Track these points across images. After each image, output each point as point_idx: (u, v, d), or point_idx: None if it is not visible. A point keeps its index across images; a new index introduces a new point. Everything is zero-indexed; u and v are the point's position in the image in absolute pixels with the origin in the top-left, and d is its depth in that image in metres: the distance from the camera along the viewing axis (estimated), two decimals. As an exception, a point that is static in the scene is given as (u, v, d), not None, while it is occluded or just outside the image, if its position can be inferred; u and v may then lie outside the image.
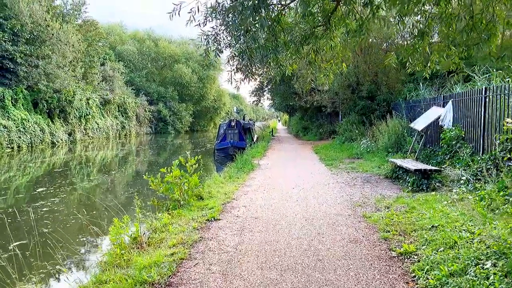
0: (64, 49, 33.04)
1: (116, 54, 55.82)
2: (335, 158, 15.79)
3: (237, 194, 9.03)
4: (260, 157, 17.34)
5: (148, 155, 28.30)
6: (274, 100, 38.26)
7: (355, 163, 14.04)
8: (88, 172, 17.97)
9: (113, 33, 59.94)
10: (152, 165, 21.37)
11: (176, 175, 8.08)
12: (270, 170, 13.29)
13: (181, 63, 61.11)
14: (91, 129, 38.48)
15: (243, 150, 20.02)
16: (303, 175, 11.83)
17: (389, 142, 14.46)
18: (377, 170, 12.37)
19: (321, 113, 28.94)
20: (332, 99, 21.42)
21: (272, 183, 10.45)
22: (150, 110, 53.93)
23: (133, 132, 48.49)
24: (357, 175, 11.82)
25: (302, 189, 9.56)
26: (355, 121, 19.20)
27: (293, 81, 22.33)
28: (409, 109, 15.48)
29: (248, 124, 24.93)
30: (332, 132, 26.49)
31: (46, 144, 30.01)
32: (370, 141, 15.78)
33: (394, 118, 15.20)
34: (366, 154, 15.49)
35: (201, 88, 62.78)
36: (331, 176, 11.73)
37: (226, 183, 10.43)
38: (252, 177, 11.71)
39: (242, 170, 12.78)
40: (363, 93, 18.92)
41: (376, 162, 13.86)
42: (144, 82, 56.31)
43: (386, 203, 7.66)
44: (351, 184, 10.33)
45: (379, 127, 16.12)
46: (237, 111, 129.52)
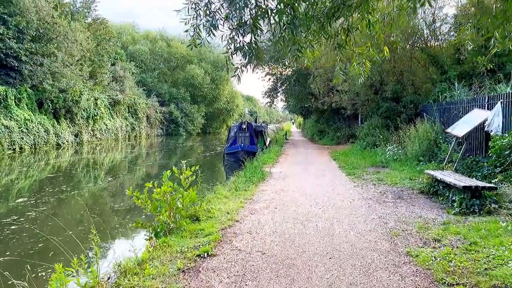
0: (72, 47, 31.96)
1: (128, 54, 54.88)
2: (356, 166, 14.01)
3: (242, 213, 7.37)
4: (272, 163, 15.66)
5: (157, 158, 26.91)
6: (288, 101, 36.56)
7: (381, 173, 12.25)
8: (84, 179, 16.56)
9: (125, 33, 59.13)
10: (161, 169, 19.89)
11: (166, 190, 6.48)
12: (283, 180, 11.60)
13: (194, 63, 59.89)
14: (99, 130, 37.37)
15: (254, 155, 18.39)
16: (321, 188, 10.12)
17: (420, 149, 12.64)
18: (408, 183, 10.57)
19: (338, 115, 27.14)
20: (352, 100, 19.60)
21: (285, 199, 8.76)
22: (162, 112, 52.78)
23: (143, 134, 47.33)
24: (386, 188, 10.05)
25: (322, 207, 7.85)
26: (378, 124, 17.37)
27: (309, 80, 20.61)
28: (441, 112, 13.62)
29: (260, 127, 23.28)
30: (351, 136, 24.65)
31: (51, 145, 28.88)
32: (397, 147, 13.95)
33: (425, 121, 13.36)
34: (392, 163, 13.67)
35: (214, 90, 61.45)
36: (354, 189, 9.98)
37: (230, 198, 8.78)
38: (262, 189, 10.04)
39: (251, 180, 11.12)
40: (388, 93, 17.09)
41: (405, 172, 12.05)
42: (156, 83, 55.23)
43: (434, 232, 5.90)
44: (380, 201, 8.58)
45: (407, 132, 14.30)
46: (249, 113, 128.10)
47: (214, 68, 62.64)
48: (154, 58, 58.87)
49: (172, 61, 61.52)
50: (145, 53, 56.27)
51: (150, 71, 56.40)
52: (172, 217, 6.21)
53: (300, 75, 27.34)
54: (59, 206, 11.38)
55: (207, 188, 13.03)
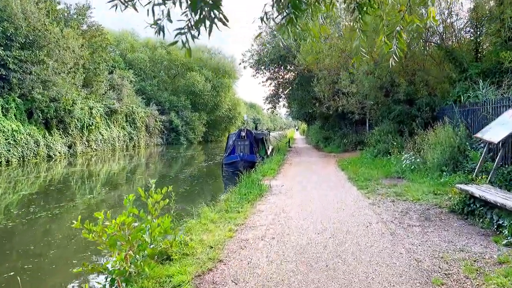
0: (64, 55, 30.59)
1: (127, 62, 53.68)
2: (369, 178, 12.32)
3: (230, 247, 5.71)
4: (273, 175, 14.00)
5: (156, 169, 25.33)
6: (291, 107, 34.98)
7: (399, 186, 10.55)
8: (63, 197, 14.96)
9: (124, 41, 57.98)
10: (159, 181, 18.29)
11: (126, 221, 4.86)
12: (284, 196, 9.93)
13: (194, 71, 58.57)
14: (95, 140, 35.89)
15: (253, 165, 16.77)
16: (330, 207, 8.44)
17: (442, 157, 10.94)
18: (433, 199, 8.89)
19: (345, 120, 25.48)
20: (361, 104, 17.94)
21: (285, 224, 7.09)
22: (161, 120, 51.29)
23: (142, 144, 45.84)
24: (408, 206, 8.36)
25: (331, 236, 6.18)
26: (390, 130, 15.68)
27: (313, 83, 19.00)
28: (465, 114, 11.93)
29: (261, 134, 21.67)
30: (359, 143, 22.96)
31: (41, 158, 27.37)
32: (414, 156, 12.25)
33: (447, 125, 11.67)
34: (409, 173, 11.97)
35: (215, 97, 60.00)
36: (370, 207, 8.30)
37: (218, 223, 7.13)
38: (258, 209, 8.37)
39: (247, 197, 9.46)
40: (400, 95, 15.42)
41: (427, 185, 10.35)
42: (156, 91, 53.90)
43: (494, 281, 4.21)
44: (403, 224, 6.90)
45: (425, 138, 12.63)
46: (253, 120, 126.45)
47: (215, 75, 61.30)
48: (154, 66, 57.65)
49: (172, 68, 60.26)
50: (144, 61, 55.00)
51: (150, 79, 55.10)
52: (127, 262, 4.55)
53: (303, 79, 25.80)
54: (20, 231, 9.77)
55: (201, 203, 11.40)
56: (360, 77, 15.89)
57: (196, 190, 15.90)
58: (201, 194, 14.89)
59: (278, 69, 28.74)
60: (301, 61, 20.86)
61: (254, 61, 29.41)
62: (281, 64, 27.97)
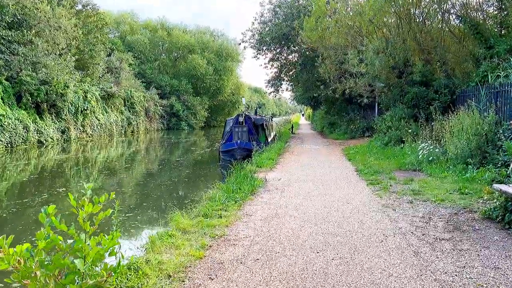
0: (55, 35, 28.99)
1: (126, 44, 51.96)
2: (379, 170, 10.73)
3: (194, 277, 4.17)
4: (270, 166, 12.44)
5: (156, 156, 23.94)
6: (294, 91, 33.17)
7: (416, 182, 8.95)
8: (40, 190, 13.53)
9: (123, 23, 56.15)
10: (157, 173, 16.85)
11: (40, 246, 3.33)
12: (280, 194, 8.38)
13: (196, 53, 56.66)
14: (90, 125, 34.49)
15: (249, 154, 15.25)
16: (333, 210, 6.88)
17: (467, 148, 9.29)
18: (460, 199, 7.31)
19: (352, 105, 23.77)
20: (371, 86, 16.19)
21: (277, 234, 5.55)
22: (162, 105, 49.75)
23: (141, 129, 44.41)
24: (430, 209, 6.80)
25: (335, 257, 4.63)
26: (403, 115, 13.97)
27: (317, 63, 17.24)
28: (494, 98, 10.22)
29: (260, 120, 20.03)
30: (367, 129, 21.30)
31: (31, 144, 26.01)
32: (433, 145, 10.60)
33: (473, 110, 9.98)
34: (427, 166, 10.35)
35: (218, 81, 58.17)
36: (383, 211, 6.74)
37: (191, 233, 5.60)
38: (246, 212, 6.84)
39: (236, 194, 7.92)
40: (416, 76, 13.67)
41: (450, 181, 8.75)
42: (156, 74, 52.24)
43: None
44: (429, 237, 5.34)
45: (445, 124, 10.96)
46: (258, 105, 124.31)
47: (217, 58, 59.35)
48: (154, 48, 55.89)
49: (173, 51, 58.42)
50: (144, 43, 53.22)
51: (150, 62, 53.38)
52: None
53: (307, 60, 23.99)
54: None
55: (183, 201, 9.91)
56: (370, 56, 14.16)
57: (185, 182, 14.42)
58: (189, 187, 13.41)
59: (280, 49, 26.89)
60: (305, 39, 19.04)
61: (256, 40, 27.56)
62: (284, 44, 26.13)
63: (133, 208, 10.28)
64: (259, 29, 27.36)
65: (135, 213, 9.82)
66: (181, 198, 11.30)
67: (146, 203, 11.07)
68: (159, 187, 13.19)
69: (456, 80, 13.25)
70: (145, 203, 11.09)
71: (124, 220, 8.72)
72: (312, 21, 16.89)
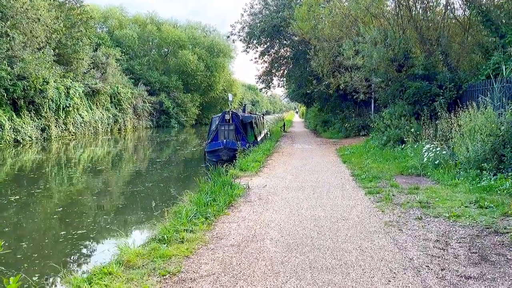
0: (33, 27, 27.34)
1: (114, 39, 50.25)
2: (378, 175, 9.42)
3: None
4: (256, 170, 11.08)
5: (139, 156, 22.50)
6: (286, 87, 31.79)
7: (422, 191, 7.64)
8: (14, 191, 12.07)
9: (111, 17, 54.37)
10: (137, 176, 15.43)
11: None
12: (262, 207, 7.03)
13: (187, 49, 55.06)
14: (73, 123, 32.89)
15: (234, 154, 13.92)
16: (326, 229, 5.55)
17: (481, 150, 7.98)
18: (480, 214, 6.02)
19: (346, 102, 22.45)
20: (367, 81, 14.85)
21: (251, 270, 4.19)
22: (151, 102, 48.14)
23: (128, 126, 42.83)
24: (444, 227, 5.51)
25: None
26: (404, 112, 12.66)
27: (309, 55, 15.88)
28: (510, 93, 8.94)
29: (249, 117, 18.66)
30: (362, 127, 20.00)
31: (7, 143, 24.42)
32: (440, 146, 9.30)
33: (486, 107, 8.68)
34: (433, 170, 9.04)
35: (209, 77, 56.64)
36: (387, 232, 5.41)
37: (138, 268, 4.24)
38: (217, 234, 5.47)
39: (208, 208, 6.55)
40: (417, 70, 12.36)
41: (463, 189, 7.45)
42: (145, 70, 50.61)
43: None
44: (449, 271, 4.07)
45: (451, 123, 9.67)
46: (252, 102, 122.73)
47: (209, 54, 57.81)
48: (143, 44, 54.22)
49: (163, 46, 56.81)
50: (133, 38, 51.50)
51: (139, 58, 51.72)
52: None
53: (299, 54, 22.61)
54: None
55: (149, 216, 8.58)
56: (367, 48, 12.84)
57: (169, 185, 13.04)
58: (173, 190, 12.04)
59: (271, 42, 25.46)
60: (296, 30, 17.64)
61: (245, 33, 26.09)
62: (274, 36, 24.70)
63: (102, 219, 8.89)
64: (249, 21, 25.93)
65: (98, 227, 8.43)
66: (162, 203, 9.94)
67: (119, 212, 9.69)
68: (139, 191, 11.82)
69: (462, 73, 11.97)
70: (118, 211, 9.71)
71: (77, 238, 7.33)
72: (304, 10, 15.54)
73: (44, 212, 9.82)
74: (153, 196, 11.09)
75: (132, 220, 9.16)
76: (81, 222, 8.63)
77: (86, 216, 9.25)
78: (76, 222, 8.70)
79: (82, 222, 8.63)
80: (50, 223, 8.91)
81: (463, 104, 10.41)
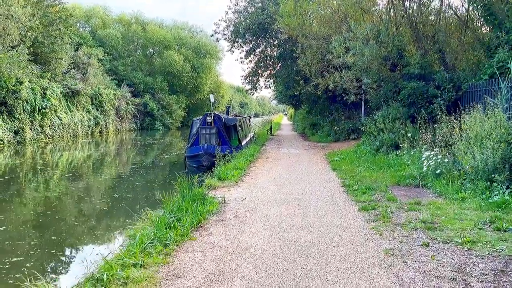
0: (5, 25, 25.81)
1: (97, 39, 48.70)
2: (372, 186, 8.34)
3: None
4: (236, 178, 9.92)
5: (119, 161, 21.13)
6: (273, 89, 30.70)
7: (424, 207, 6.58)
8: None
9: (95, 16, 52.78)
10: (114, 182, 14.10)
11: None
12: (238, 228, 5.87)
13: (173, 49, 53.69)
14: (50, 126, 31.33)
15: (212, 160, 12.77)
16: (314, 261, 4.43)
17: (492, 159, 6.95)
18: (499, 240, 4.97)
19: (335, 104, 21.44)
20: (358, 81, 13.81)
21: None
22: (135, 103, 46.64)
23: (111, 129, 41.31)
24: (458, 261, 4.42)
25: None
26: (398, 115, 11.63)
27: (296, 53, 14.80)
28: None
29: (232, 120, 17.50)
30: (352, 131, 19.00)
31: (-26, 146, 22.86)
32: (441, 153, 8.25)
33: (493, 109, 7.67)
34: (435, 180, 7.99)
35: (195, 78, 55.33)
36: (388, 266, 4.31)
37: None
38: (173, 271, 4.30)
39: (170, 231, 5.37)
40: (413, 69, 11.36)
41: (472, 205, 6.41)
42: (129, 71, 49.09)
43: None
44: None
45: (453, 126, 8.66)
46: (241, 104, 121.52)
47: (195, 54, 56.52)
48: (128, 44, 52.68)
49: (148, 47, 55.36)
50: (117, 38, 49.97)
51: (123, 58, 50.18)
52: None
53: (286, 53, 21.53)
54: None
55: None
56: (358, 45, 11.80)
57: (147, 194, 11.79)
58: (150, 200, 10.82)
59: (256, 41, 24.32)
60: (282, 26, 16.53)
61: (230, 32, 24.91)
62: (260, 35, 23.56)
63: (72, 229, 7.62)
64: (234, 19, 24.75)
65: (68, 238, 7.17)
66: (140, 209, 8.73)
67: (91, 222, 8.42)
68: (111, 200, 10.57)
69: (462, 72, 11.00)
70: (89, 222, 8.45)
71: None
72: (290, 5, 14.47)
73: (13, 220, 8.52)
74: (129, 205, 9.86)
75: (102, 233, 7.93)
76: (41, 236, 7.37)
77: (54, 226, 8.00)
78: (37, 235, 7.43)
79: (43, 236, 7.37)
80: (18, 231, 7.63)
81: (464, 106, 9.42)
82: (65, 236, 8.01)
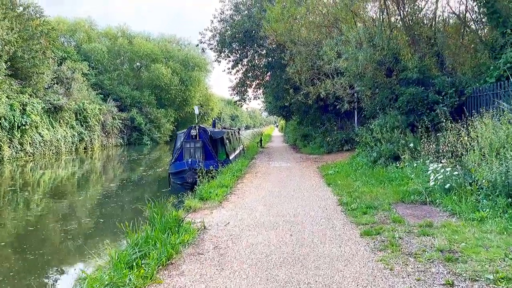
0: (-19, 38, 24.72)
1: (82, 53, 47.60)
2: (373, 204, 7.34)
3: None
4: (220, 198, 8.86)
5: (104, 178, 19.90)
6: (264, 101, 29.82)
7: (438, 230, 5.59)
8: None
9: (79, 30, 51.77)
10: (94, 202, 12.90)
11: None
12: (217, 264, 4.81)
13: (160, 62, 52.76)
14: (31, 143, 29.99)
15: (196, 177, 11.69)
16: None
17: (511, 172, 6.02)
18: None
19: (327, 114, 20.56)
20: (351, 88, 12.92)
21: None
22: (121, 118, 45.37)
23: (96, 145, 39.97)
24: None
25: None
26: (396, 124, 10.71)
27: (284, 60, 13.93)
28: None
29: (219, 133, 16.48)
30: (346, 141, 18.09)
31: None
32: (451, 166, 7.29)
33: (507, 115, 6.77)
34: (444, 197, 7.03)
35: (184, 92, 54.29)
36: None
37: None
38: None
39: (132, 273, 4.30)
40: (411, 73, 10.50)
41: (494, 226, 5.45)
42: (115, 85, 47.93)
43: None
44: None
45: (461, 135, 7.74)
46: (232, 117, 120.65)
47: (184, 67, 55.60)
48: (114, 58, 51.64)
49: (135, 60, 54.38)
50: (102, 52, 48.89)
51: (108, 72, 49.04)
52: None
53: (274, 62, 20.70)
54: None
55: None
56: (351, 48, 10.96)
57: (129, 215, 10.64)
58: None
59: (243, 50, 23.46)
60: (269, 32, 15.66)
61: (216, 42, 24.04)
62: (247, 43, 22.72)
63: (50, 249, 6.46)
64: (220, 28, 23.92)
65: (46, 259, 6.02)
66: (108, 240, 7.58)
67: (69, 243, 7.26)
68: (77, 228, 9.41)
69: (464, 76, 10.17)
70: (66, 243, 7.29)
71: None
72: (277, 10, 13.65)
73: None
74: (97, 234, 8.72)
75: (53, 274, 6.78)
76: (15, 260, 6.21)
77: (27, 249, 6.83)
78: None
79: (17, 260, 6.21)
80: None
81: (471, 112, 8.52)
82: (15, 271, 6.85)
